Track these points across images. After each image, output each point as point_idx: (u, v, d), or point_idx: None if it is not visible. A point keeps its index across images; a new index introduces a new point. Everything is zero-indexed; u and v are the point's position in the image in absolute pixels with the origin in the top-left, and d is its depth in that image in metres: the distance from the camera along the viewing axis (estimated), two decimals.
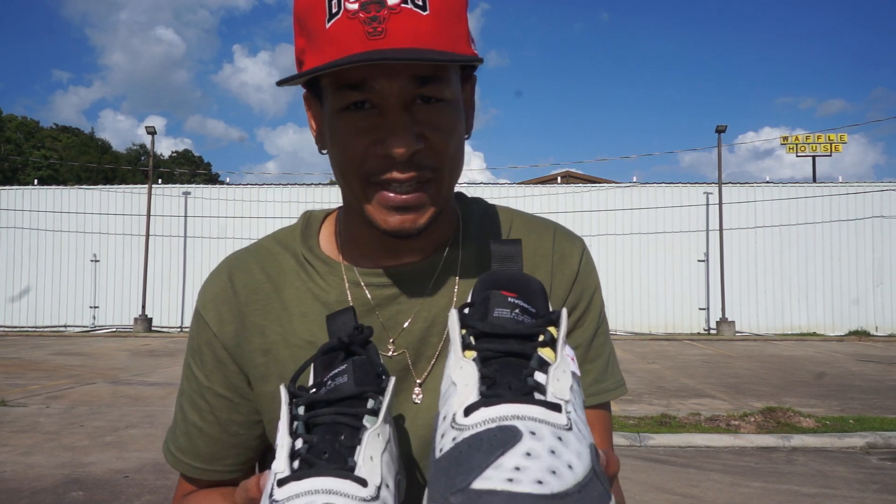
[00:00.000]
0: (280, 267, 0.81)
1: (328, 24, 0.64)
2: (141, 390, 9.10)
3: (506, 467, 0.40)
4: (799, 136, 25.03)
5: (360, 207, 0.72)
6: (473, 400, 0.46)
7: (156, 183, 22.03)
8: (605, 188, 22.03)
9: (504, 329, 0.51)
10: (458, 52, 0.66)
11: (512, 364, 0.49)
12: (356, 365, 0.57)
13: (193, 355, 0.82)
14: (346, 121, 0.68)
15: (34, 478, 5.02)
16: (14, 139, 43.93)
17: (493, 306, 0.54)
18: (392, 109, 0.67)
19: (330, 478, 0.49)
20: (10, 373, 10.92)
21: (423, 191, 0.70)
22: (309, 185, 22.35)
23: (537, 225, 0.85)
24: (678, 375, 10.75)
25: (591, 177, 28.84)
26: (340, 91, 0.67)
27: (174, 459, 0.83)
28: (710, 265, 20.59)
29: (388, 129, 0.67)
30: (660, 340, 18.25)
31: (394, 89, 0.66)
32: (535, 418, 0.44)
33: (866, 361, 12.83)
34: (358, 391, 0.55)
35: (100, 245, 21.76)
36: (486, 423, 0.44)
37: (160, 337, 18.87)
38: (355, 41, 0.62)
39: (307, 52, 0.68)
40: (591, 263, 0.85)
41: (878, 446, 6.14)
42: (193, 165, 50.68)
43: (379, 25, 0.62)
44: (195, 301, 0.85)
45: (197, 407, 0.81)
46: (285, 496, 0.48)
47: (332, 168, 0.74)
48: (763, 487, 4.96)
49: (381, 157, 0.68)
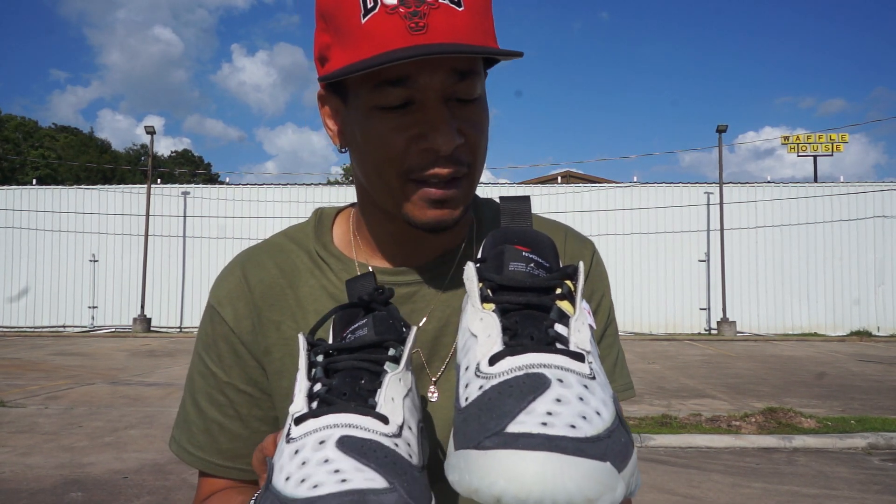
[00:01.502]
0: (293, 263, 0.81)
1: (364, 20, 0.63)
2: (140, 391, 9.09)
3: (538, 412, 0.41)
4: (800, 135, 25.05)
5: (395, 204, 0.71)
6: (498, 349, 0.46)
7: (155, 183, 22.03)
8: (606, 188, 22.03)
9: (521, 282, 0.51)
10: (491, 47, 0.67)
11: (531, 316, 0.49)
12: (377, 319, 0.57)
13: (208, 351, 0.81)
14: (383, 118, 0.67)
15: (33, 478, 5.00)
16: (12, 139, 43.93)
17: (508, 260, 0.54)
18: (434, 104, 0.67)
19: (349, 414, 0.47)
20: (9, 373, 10.91)
21: (458, 186, 0.70)
22: (308, 184, 22.36)
23: (549, 226, 0.86)
24: (679, 376, 10.75)
25: (591, 177, 28.85)
26: (378, 88, 0.66)
27: (193, 458, 0.81)
28: (710, 265, 20.60)
29: (431, 124, 0.67)
30: (660, 340, 18.25)
31: (436, 84, 0.66)
32: (562, 367, 0.44)
33: (867, 362, 12.82)
34: (378, 339, 0.54)
35: (99, 245, 21.75)
36: (514, 371, 0.44)
37: (159, 337, 18.87)
38: (396, 36, 0.62)
39: (334, 49, 0.67)
40: (602, 265, 0.86)
41: (880, 447, 6.12)
42: (193, 165, 50.71)
43: (420, 20, 0.63)
44: (207, 297, 0.84)
45: (217, 403, 0.80)
46: (303, 432, 0.47)
47: (361, 165, 0.73)
48: (764, 488, 4.95)
49: (423, 153, 0.68)
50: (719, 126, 20.24)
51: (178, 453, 0.82)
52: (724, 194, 20.16)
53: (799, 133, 25.86)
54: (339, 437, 0.46)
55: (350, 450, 0.45)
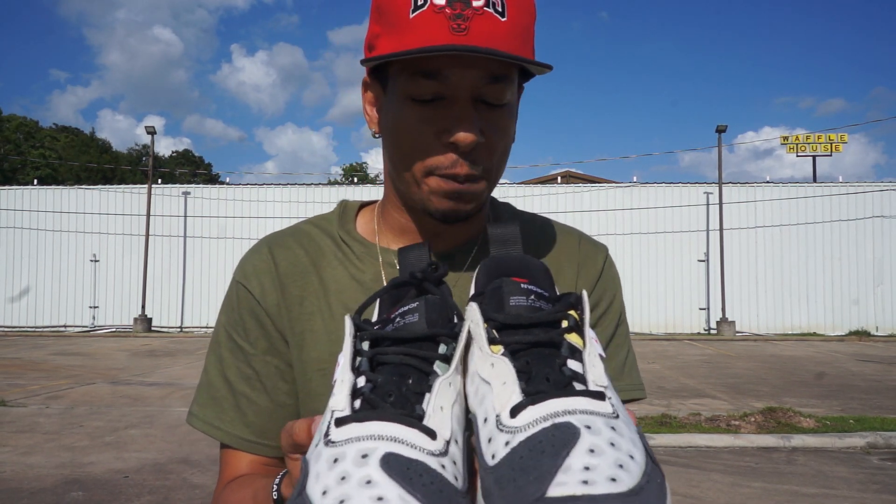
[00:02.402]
0: (318, 246, 0.85)
1: (412, 15, 0.67)
2: (141, 390, 9.10)
3: (576, 469, 0.39)
4: (799, 135, 25.05)
5: (416, 194, 0.75)
6: (518, 400, 0.44)
7: (156, 183, 22.03)
8: (605, 188, 22.03)
9: (526, 319, 0.50)
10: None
11: (542, 355, 0.48)
12: (429, 304, 0.53)
13: (235, 327, 0.83)
14: (415, 110, 0.71)
15: (34, 478, 5.01)
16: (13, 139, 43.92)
17: (508, 295, 0.52)
18: (462, 101, 0.70)
19: (396, 424, 0.45)
20: (10, 373, 10.91)
21: (475, 181, 0.74)
22: (309, 184, 22.35)
23: (563, 230, 0.90)
24: (678, 375, 10.75)
25: (591, 177, 28.84)
26: (413, 78, 0.70)
27: (223, 434, 0.81)
28: (710, 265, 20.59)
29: (456, 118, 0.70)
30: (660, 340, 18.24)
31: (467, 82, 0.69)
32: (586, 410, 0.43)
33: (866, 361, 12.83)
34: (430, 332, 0.51)
35: (99, 245, 21.75)
36: (539, 423, 0.43)
37: (160, 337, 18.86)
38: (439, 33, 0.66)
39: (382, 38, 0.71)
40: (615, 268, 0.90)
41: (879, 446, 6.13)
42: (193, 165, 50.69)
43: (463, 23, 0.66)
44: (233, 275, 0.86)
45: (245, 376, 0.82)
46: (344, 437, 0.45)
47: (389, 151, 0.77)
48: (763, 488, 4.96)
49: (445, 147, 0.71)
50: (719, 126, 20.23)
51: (204, 430, 0.82)
52: (723, 194, 20.15)
53: (798, 133, 25.87)
54: (384, 454, 0.43)
55: (395, 473, 0.42)
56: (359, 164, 55.94)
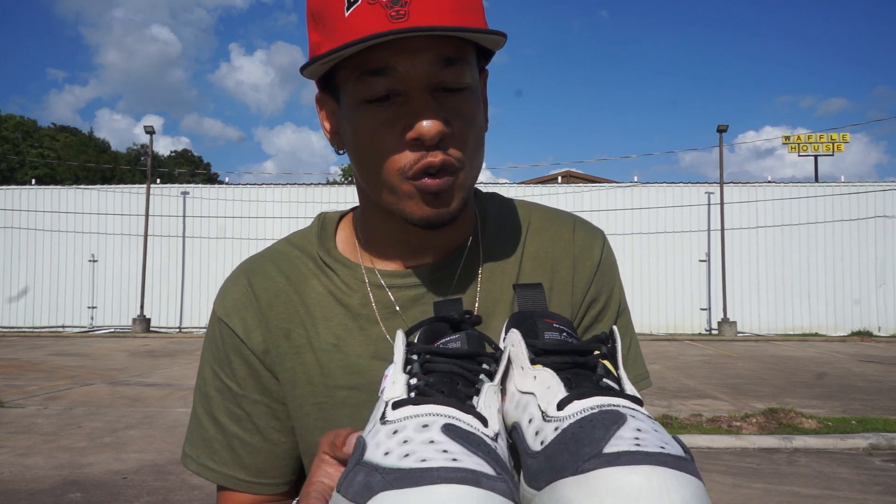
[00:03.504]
0: (298, 270, 0.79)
1: (347, 13, 0.63)
2: (140, 391, 9.08)
3: (627, 438, 0.41)
4: (801, 135, 25.05)
5: (393, 202, 0.70)
6: (563, 395, 0.46)
7: (154, 183, 22.02)
8: (606, 188, 22.03)
9: (562, 347, 0.52)
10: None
11: (580, 373, 0.50)
12: (470, 336, 0.56)
13: (221, 365, 0.79)
14: (371, 113, 0.67)
15: (32, 479, 4.99)
16: (11, 138, 43.92)
17: (542, 330, 0.55)
18: (417, 93, 0.66)
19: (452, 408, 0.46)
20: (8, 374, 10.89)
21: (453, 174, 0.68)
22: (308, 184, 22.34)
23: (556, 218, 0.85)
24: (679, 376, 10.73)
25: (591, 176, 28.84)
26: (361, 79, 0.65)
27: (218, 475, 0.78)
28: (711, 265, 20.58)
29: (416, 113, 0.65)
30: (661, 341, 18.24)
31: (419, 72, 0.65)
32: (629, 406, 0.45)
33: (868, 362, 12.81)
34: (473, 351, 0.54)
35: (98, 245, 21.74)
36: (587, 410, 0.44)
37: (159, 337, 18.86)
38: (376, 24, 0.62)
39: (324, 46, 0.66)
40: (612, 255, 0.85)
41: (881, 447, 6.11)
42: (192, 165, 50.70)
43: (401, 9, 0.62)
44: (213, 308, 0.82)
45: (236, 417, 0.78)
46: (402, 415, 0.45)
47: (357, 163, 0.72)
48: (765, 489, 4.94)
49: (413, 145, 0.66)
50: (720, 126, 20.23)
51: (199, 472, 0.79)
52: (724, 194, 20.15)
53: (799, 133, 25.91)
54: (444, 423, 0.44)
55: (457, 436, 0.43)
56: None
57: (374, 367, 0.74)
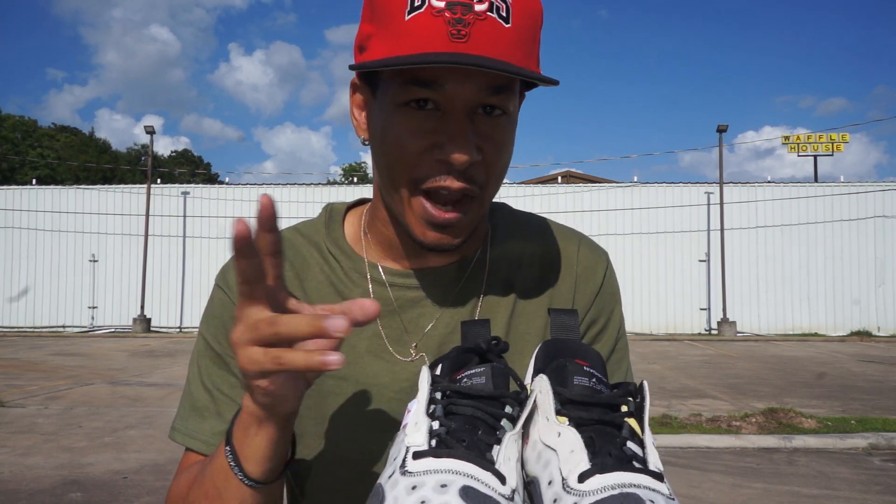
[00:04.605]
0: (303, 257, 0.80)
1: (408, 17, 0.62)
2: (140, 391, 9.08)
3: None
4: (800, 135, 25.05)
5: (400, 211, 0.71)
6: (586, 467, 0.47)
7: (155, 183, 22.02)
8: (606, 188, 22.02)
9: (590, 398, 0.53)
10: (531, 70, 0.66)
11: (605, 432, 0.50)
12: (495, 370, 0.57)
13: (216, 336, 0.78)
14: (405, 118, 0.66)
15: (32, 479, 4.99)
16: (11, 138, 43.91)
17: (572, 374, 0.55)
18: (458, 115, 0.65)
19: (471, 464, 0.47)
20: (9, 373, 10.90)
21: (464, 209, 0.69)
22: (308, 184, 22.35)
23: (563, 234, 0.85)
24: (679, 376, 10.73)
25: (591, 176, 28.82)
26: (406, 86, 0.65)
27: (201, 444, 0.77)
28: (711, 265, 20.58)
29: (450, 134, 0.65)
30: (661, 341, 18.24)
31: (465, 94, 0.65)
32: (650, 487, 0.46)
33: (868, 362, 12.82)
34: (497, 393, 0.54)
35: (98, 245, 21.74)
36: (608, 490, 0.45)
37: (159, 337, 18.86)
38: (437, 39, 0.62)
39: (374, 39, 0.66)
40: (614, 278, 0.85)
41: (881, 447, 6.12)
42: (193, 165, 50.69)
43: (463, 28, 0.62)
44: (215, 281, 0.82)
45: (228, 384, 0.77)
46: (422, 469, 0.47)
47: (376, 161, 0.72)
48: (764, 488, 4.94)
49: (437, 163, 0.66)
50: (719, 126, 20.23)
51: (185, 442, 0.78)
52: (724, 194, 20.14)
53: (799, 133, 25.89)
54: (463, 485, 0.45)
55: (474, 500, 0.44)
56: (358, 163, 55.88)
57: (366, 361, 0.75)
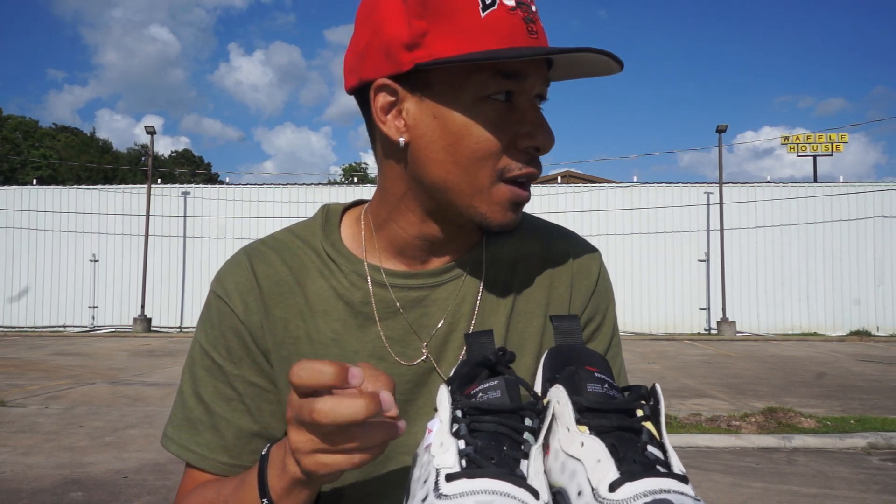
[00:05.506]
0: (301, 262, 0.79)
1: (484, 14, 0.65)
2: (140, 390, 9.09)
3: None
4: (800, 135, 25.05)
5: (473, 203, 0.71)
6: (615, 476, 0.47)
7: (155, 183, 22.02)
8: (605, 188, 22.02)
9: (606, 404, 0.53)
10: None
11: (625, 438, 0.51)
12: (508, 383, 0.57)
13: (215, 345, 0.77)
14: (492, 110, 0.68)
15: (33, 478, 5.00)
16: (12, 138, 43.91)
17: (584, 381, 0.56)
18: (533, 105, 0.71)
19: (505, 482, 0.48)
20: (10, 373, 10.90)
21: (529, 189, 0.74)
22: (308, 184, 22.35)
23: (558, 233, 0.87)
24: (679, 375, 10.74)
25: (591, 176, 28.83)
26: (494, 78, 0.67)
27: (199, 458, 0.76)
28: (710, 265, 20.58)
29: (536, 123, 0.70)
30: (660, 340, 18.24)
31: (538, 84, 0.70)
32: (678, 491, 0.46)
33: (867, 361, 12.82)
34: (517, 407, 0.55)
35: (99, 245, 21.74)
36: (639, 498, 0.46)
37: (159, 337, 18.86)
38: (520, 35, 0.66)
39: (434, 35, 0.65)
40: (608, 277, 0.87)
41: (880, 447, 6.12)
42: (193, 165, 50.68)
43: (533, 26, 0.68)
44: (210, 288, 0.81)
45: (225, 397, 0.76)
46: (458, 491, 0.47)
47: (437, 160, 0.69)
48: (764, 488, 4.95)
49: (520, 152, 0.70)
50: (719, 126, 20.22)
51: (179, 453, 0.77)
52: (723, 194, 20.14)
53: (798, 133, 25.88)
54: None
55: None
56: (358, 163, 55.91)
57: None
